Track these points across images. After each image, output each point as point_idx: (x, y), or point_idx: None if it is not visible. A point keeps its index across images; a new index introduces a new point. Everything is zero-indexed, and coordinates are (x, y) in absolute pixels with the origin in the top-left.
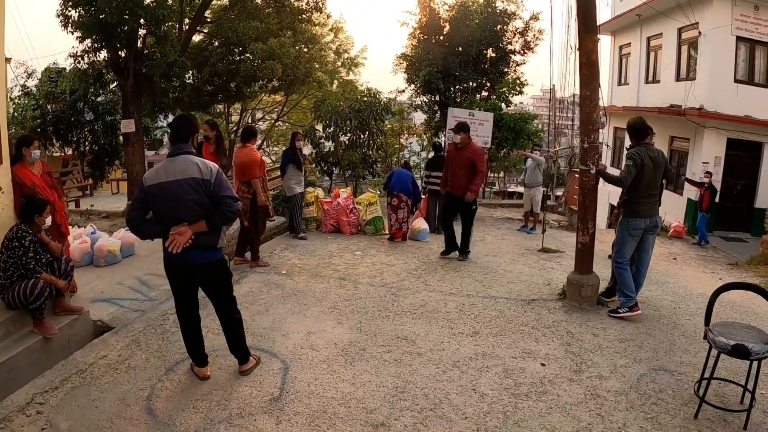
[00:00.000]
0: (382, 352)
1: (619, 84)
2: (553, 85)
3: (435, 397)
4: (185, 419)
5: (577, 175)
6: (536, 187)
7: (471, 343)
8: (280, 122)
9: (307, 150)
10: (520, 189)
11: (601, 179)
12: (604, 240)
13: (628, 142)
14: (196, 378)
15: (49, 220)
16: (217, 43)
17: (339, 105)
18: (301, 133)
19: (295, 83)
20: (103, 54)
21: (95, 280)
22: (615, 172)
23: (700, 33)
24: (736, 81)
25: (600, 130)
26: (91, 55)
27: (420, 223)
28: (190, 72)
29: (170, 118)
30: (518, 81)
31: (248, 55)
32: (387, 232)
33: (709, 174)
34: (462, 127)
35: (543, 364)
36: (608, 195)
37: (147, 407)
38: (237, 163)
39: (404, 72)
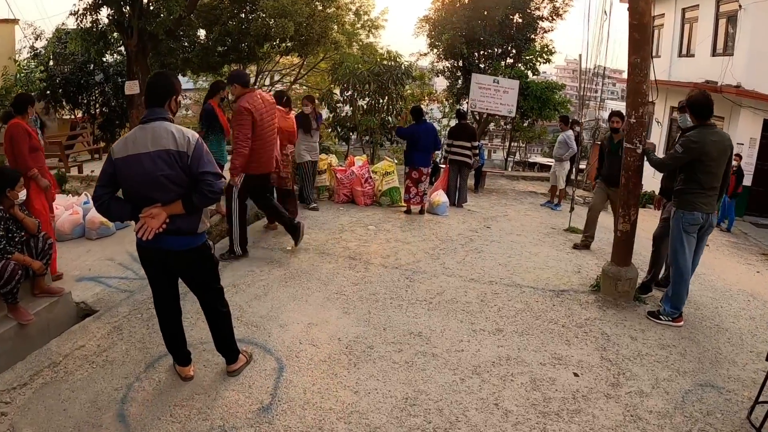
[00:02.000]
0: (392, 351)
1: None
2: (580, 55)
3: (451, 413)
4: (160, 430)
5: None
6: (561, 161)
7: (494, 344)
8: (297, 85)
9: (325, 114)
10: (543, 160)
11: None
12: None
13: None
14: (177, 377)
15: (23, 194)
16: (227, 1)
17: (357, 68)
18: (314, 96)
19: (309, 44)
20: (105, 11)
21: (84, 255)
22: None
23: (740, 6)
24: None
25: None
26: (93, 12)
27: (440, 196)
28: (200, 31)
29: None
30: (546, 48)
31: (259, 12)
32: (404, 204)
33: (738, 156)
34: None
35: (576, 374)
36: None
37: (119, 412)
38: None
39: (426, 36)
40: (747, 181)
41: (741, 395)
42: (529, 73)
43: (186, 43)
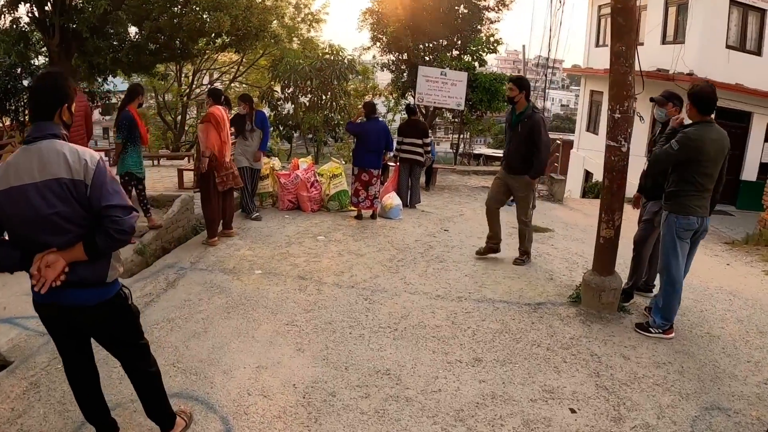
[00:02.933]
0: (357, 397)
1: (597, 45)
2: (524, 45)
3: None
4: None
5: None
6: None
7: (474, 378)
8: (236, 83)
9: (266, 112)
10: (488, 151)
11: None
12: (589, 213)
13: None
14: None
15: None
16: None
17: (298, 63)
18: (251, 96)
19: (247, 38)
20: (23, 8)
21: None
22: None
23: None
24: (728, 47)
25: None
26: (11, 11)
27: (392, 199)
28: (130, 28)
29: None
30: (493, 38)
31: (193, 6)
32: (353, 208)
33: None
34: None
35: (573, 410)
36: (583, 161)
37: None
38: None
39: (370, 29)
40: None
41: (749, 416)
42: (476, 64)
43: (115, 42)
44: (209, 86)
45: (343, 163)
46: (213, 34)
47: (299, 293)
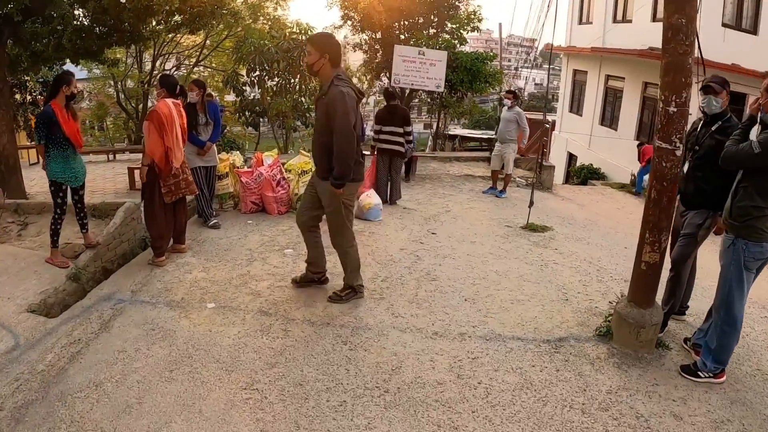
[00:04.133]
0: None
1: (580, 23)
2: (500, 24)
3: None
4: None
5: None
6: (509, 142)
7: None
8: (202, 67)
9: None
10: (464, 132)
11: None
12: (583, 203)
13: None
14: None
15: None
16: None
17: (264, 44)
18: (204, 81)
19: (202, 16)
20: None
21: None
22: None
23: None
24: (724, 25)
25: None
26: None
27: (370, 197)
28: (74, 10)
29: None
30: (474, 15)
31: None
32: None
33: None
34: None
35: None
36: (566, 143)
37: None
38: None
39: (340, 6)
40: None
41: None
42: (456, 43)
43: (59, 26)
44: (162, 72)
45: None
46: (164, 13)
47: (261, 336)
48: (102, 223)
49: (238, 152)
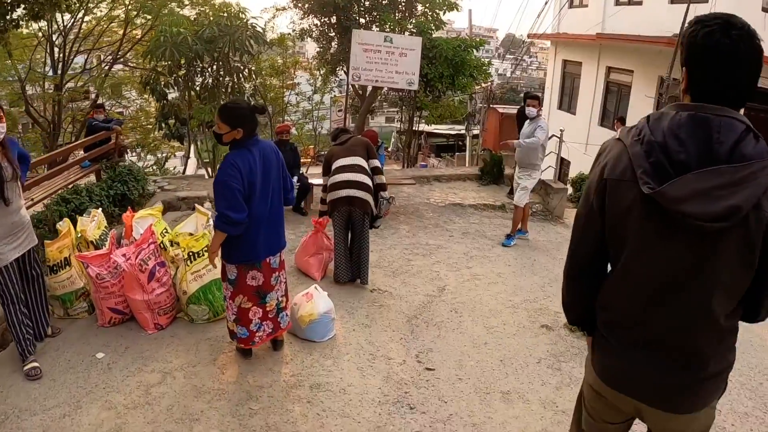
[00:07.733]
0: None
1: (571, 6)
2: (470, 10)
3: None
4: None
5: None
6: (532, 169)
7: None
8: (120, 67)
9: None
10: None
11: None
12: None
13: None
14: None
15: None
16: None
17: (179, 33)
18: None
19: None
20: None
21: None
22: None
23: None
24: (764, 9)
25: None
26: None
27: (313, 303)
28: None
29: None
30: None
31: None
32: (232, 327)
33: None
34: None
35: None
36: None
37: None
38: None
39: None
40: None
41: None
42: (433, 27)
43: None
44: (87, 71)
45: None
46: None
47: None
48: None
49: (98, 210)
